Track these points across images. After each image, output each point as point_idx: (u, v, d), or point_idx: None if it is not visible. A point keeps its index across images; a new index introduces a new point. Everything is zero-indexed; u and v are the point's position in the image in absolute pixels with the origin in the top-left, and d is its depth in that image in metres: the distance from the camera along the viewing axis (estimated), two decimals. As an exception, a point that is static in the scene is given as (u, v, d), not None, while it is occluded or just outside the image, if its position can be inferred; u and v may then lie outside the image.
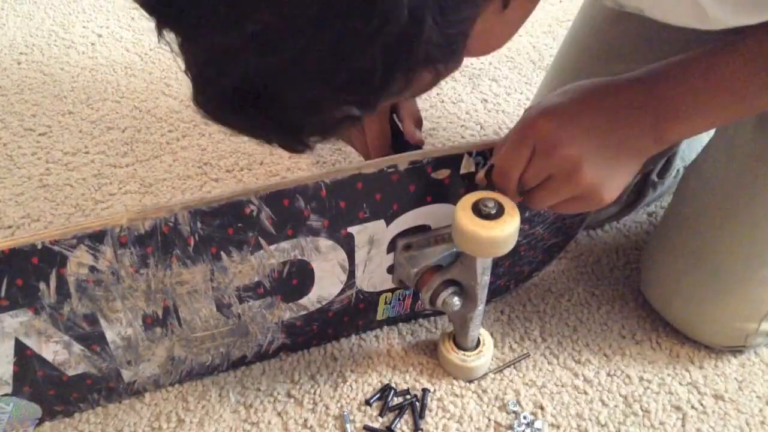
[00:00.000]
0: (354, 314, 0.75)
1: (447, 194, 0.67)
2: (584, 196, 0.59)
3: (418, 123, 0.80)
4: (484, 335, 0.75)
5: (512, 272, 0.80)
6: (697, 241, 0.73)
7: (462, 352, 0.74)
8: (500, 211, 0.59)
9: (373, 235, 0.67)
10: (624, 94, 0.59)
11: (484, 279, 0.66)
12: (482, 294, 0.68)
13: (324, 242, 0.65)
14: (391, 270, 0.72)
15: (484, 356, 0.74)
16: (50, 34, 1.30)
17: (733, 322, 0.73)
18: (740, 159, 0.71)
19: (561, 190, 0.59)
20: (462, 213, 0.60)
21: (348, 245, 0.67)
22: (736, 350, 0.77)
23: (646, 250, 0.81)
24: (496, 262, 0.72)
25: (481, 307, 0.69)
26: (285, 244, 0.64)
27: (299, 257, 0.66)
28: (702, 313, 0.74)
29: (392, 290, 0.74)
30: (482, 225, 0.59)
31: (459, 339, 0.74)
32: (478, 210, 0.59)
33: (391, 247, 0.69)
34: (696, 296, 0.74)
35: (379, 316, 0.77)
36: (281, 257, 0.65)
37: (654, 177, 0.91)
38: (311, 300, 0.71)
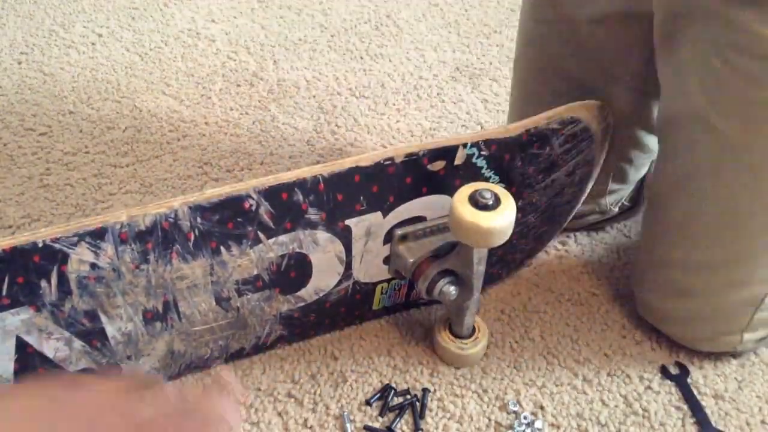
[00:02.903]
0: (351, 305, 0.75)
1: (442, 185, 0.67)
2: None
3: None
4: (479, 322, 0.76)
5: (505, 261, 0.80)
6: (676, 263, 0.73)
7: (458, 340, 0.74)
8: (497, 202, 0.60)
9: (370, 227, 0.67)
10: None
11: (479, 269, 0.67)
12: (478, 283, 0.68)
13: (322, 235, 0.66)
14: (387, 261, 0.72)
15: (480, 343, 0.74)
16: (50, 34, 1.30)
17: (718, 335, 0.74)
18: (690, 187, 0.69)
19: None
20: (459, 204, 0.60)
21: (345, 238, 0.67)
22: (729, 354, 0.77)
23: (635, 270, 0.81)
24: (491, 252, 0.72)
25: (476, 296, 0.70)
26: (283, 238, 0.64)
27: (297, 250, 0.66)
28: (689, 328, 0.75)
29: (388, 280, 0.75)
30: (479, 216, 0.59)
31: (455, 327, 0.74)
32: (475, 201, 0.60)
33: (388, 238, 0.70)
34: (680, 312, 0.75)
35: (376, 306, 0.78)
36: (279, 250, 0.65)
37: None
38: (309, 292, 0.71)
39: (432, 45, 1.29)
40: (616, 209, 0.90)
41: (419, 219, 0.69)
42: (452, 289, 0.68)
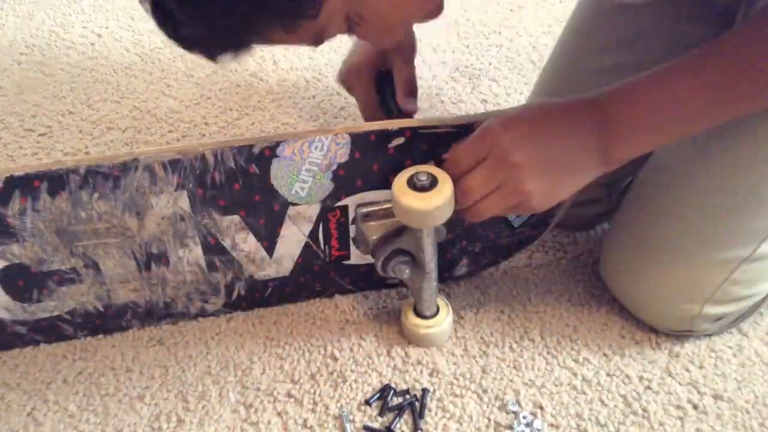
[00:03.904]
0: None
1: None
2: (524, 203, 0.64)
3: (412, 91, 0.84)
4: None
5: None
6: (648, 222, 0.75)
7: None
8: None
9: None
10: (577, 113, 0.64)
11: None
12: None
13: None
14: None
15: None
16: (50, 35, 1.31)
17: (678, 303, 0.74)
18: (687, 151, 0.73)
19: (505, 199, 0.64)
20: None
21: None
22: (683, 335, 0.77)
23: (606, 233, 0.82)
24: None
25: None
26: None
27: None
28: (649, 292, 0.75)
29: None
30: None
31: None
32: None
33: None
34: (644, 275, 0.75)
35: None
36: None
37: None
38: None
39: (432, 45, 1.29)
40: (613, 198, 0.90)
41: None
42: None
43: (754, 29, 0.60)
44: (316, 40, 0.58)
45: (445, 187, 0.64)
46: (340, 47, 1.28)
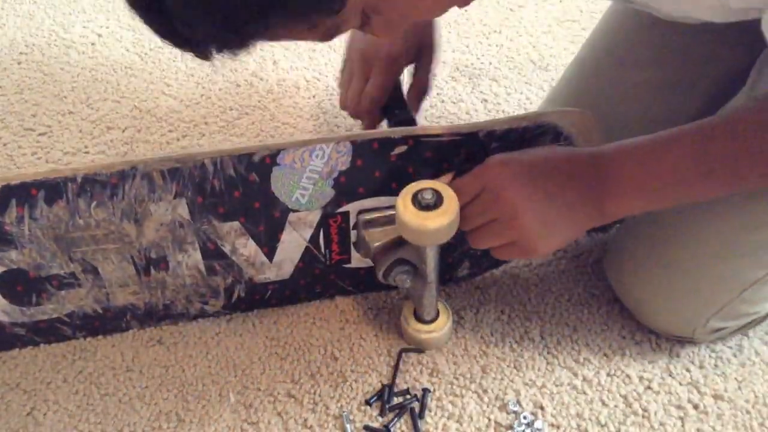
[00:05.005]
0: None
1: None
2: (520, 243, 0.65)
3: (422, 93, 0.85)
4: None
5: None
6: (664, 231, 0.74)
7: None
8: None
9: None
10: (578, 166, 0.65)
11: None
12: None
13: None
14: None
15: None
16: (50, 34, 1.30)
17: (684, 311, 0.74)
18: None
19: (501, 233, 0.65)
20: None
21: None
22: (684, 341, 0.77)
23: (615, 234, 0.82)
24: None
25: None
26: None
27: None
28: (657, 300, 0.75)
29: None
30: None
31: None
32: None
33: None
34: (654, 283, 0.74)
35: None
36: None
37: None
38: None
39: (432, 45, 1.29)
40: None
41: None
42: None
43: (762, 111, 0.60)
44: (329, 36, 0.56)
45: (450, 206, 0.63)
46: (339, 47, 1.28)
